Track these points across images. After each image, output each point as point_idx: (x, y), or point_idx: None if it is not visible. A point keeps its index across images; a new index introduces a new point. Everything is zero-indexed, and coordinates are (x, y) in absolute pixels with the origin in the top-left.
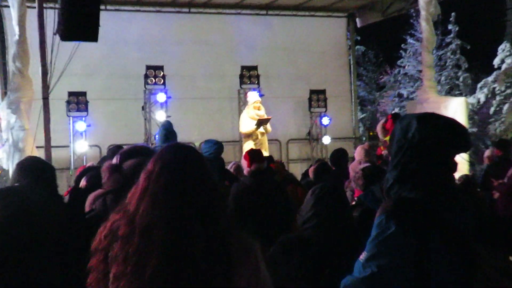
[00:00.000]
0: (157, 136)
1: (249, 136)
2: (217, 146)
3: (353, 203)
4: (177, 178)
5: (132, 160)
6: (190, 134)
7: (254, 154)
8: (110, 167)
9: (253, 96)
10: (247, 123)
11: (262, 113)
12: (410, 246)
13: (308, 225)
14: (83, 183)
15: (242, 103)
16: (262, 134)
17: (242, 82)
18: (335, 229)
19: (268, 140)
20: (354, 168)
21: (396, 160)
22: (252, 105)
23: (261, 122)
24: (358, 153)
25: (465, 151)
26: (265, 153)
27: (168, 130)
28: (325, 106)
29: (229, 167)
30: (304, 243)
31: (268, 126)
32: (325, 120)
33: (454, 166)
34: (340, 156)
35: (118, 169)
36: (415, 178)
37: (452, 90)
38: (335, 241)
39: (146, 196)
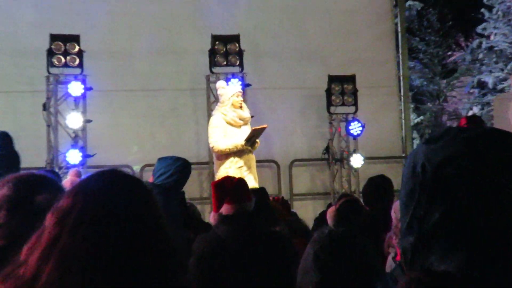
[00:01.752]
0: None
1: (226, 156)
2: (180, 164)
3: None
4: (106, 226)
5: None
6: (124, 152)
7: (232, 187)
8: None
9: (231, 86)
10: (221, 134)
11: (248, 115)
12: None
13: None
14: None
15: (214, 98)
16: (248, 151)
17: (213, 63)
18: None
19: (259, 161)
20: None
21: (408, 216)
22: (229, 101)
23: (254, 135)
24: None
25: None
26: (252, 184)
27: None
28: (355, 104)
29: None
30: None
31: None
32: (355, 128)
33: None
34: (380, 189)
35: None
36: (441, 239)
37: None
38: None
39: (53, 254)
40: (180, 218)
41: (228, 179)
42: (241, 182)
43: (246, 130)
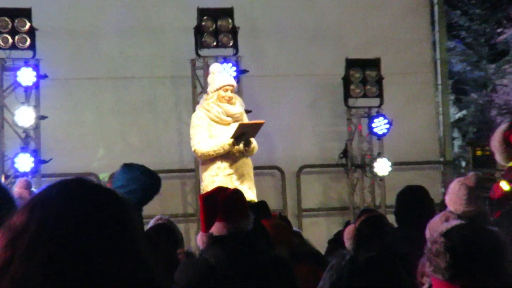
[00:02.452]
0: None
1: (211, 160)
2: (146, 181)
3: None
4: (69, 250)
5: None
6: (88, 157)
7: (225, 201)
8: None
9: (219, 76)
10: (204, 134)
11: (237, 111)
12: None
13: None
14: None
15: (201, 87)
16: (240, 154)
17: (200, 44)
18: None
19: (258, 168)
20: (437, 228)
21: None
22: (215, 94)
23: (243, 133)
24: (452, 195)
25: None
26: (249, 196)
27: None
28: (380, 95)
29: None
30: None
31: (254, 141)
32: (380, 126)
33: None
34: (413, 202)
35: None
36: None
37: None
38: None
39: (2, 284)
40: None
41: (220, 190)
42: (237, 194)
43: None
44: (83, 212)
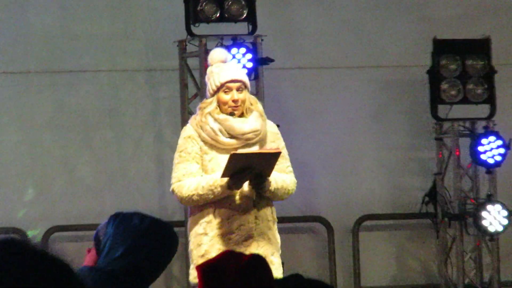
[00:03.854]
0: None
1: (201, 210)
2: (147, 229)
3: None
4: None
5: None
6: (8, 201)
7: (237, 275)
8: None
9: (218, 68)
10: (190, 165)
11: (250, 127)
12: None
13: None
14: None
15: (196, 87)
16: (249, 202)
17: (194, 16)
18: None
19: (287, 220)
20: None
21: None
22: (214, 100)
23: (246, 167)
24: None
25: None
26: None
27: None
28: (490, 100)
29: None
30: None
31: (276, 182)
32: (491, 150)
33: None
34: None
35: None
36: None
37: None
38: None
39: None
40: None
41: (228, 257)
42: (256, 263)
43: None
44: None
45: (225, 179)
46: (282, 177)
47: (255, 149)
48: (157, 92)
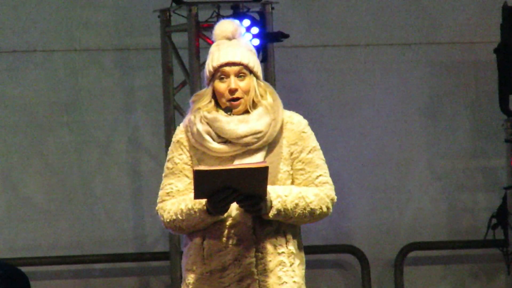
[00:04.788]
0: None
1: (191, 238)
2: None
3: None
4: None
5: None
6: None
7: None
8: None
9: (215, 48)
10: (178, 179)
11: (234, 129)
12: None
13: None
14: None
15: (185, 74)
16: (247, 227)
17: None
18: None
19: (310, 250)
20: None
21: None
22: (209, 90)
23: (226, 186)
24: None
25: None
26: None
27: None
28: None
29: None
30: None
31: (283, 199)
32: None
33: None
34: None
35: None
36: None
37: None
38: None
39: None
40: None
41: None
42: None
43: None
44: None
45: (204, 201)
46: (298, 191)
47: (258, 157)
48: (131, 80)
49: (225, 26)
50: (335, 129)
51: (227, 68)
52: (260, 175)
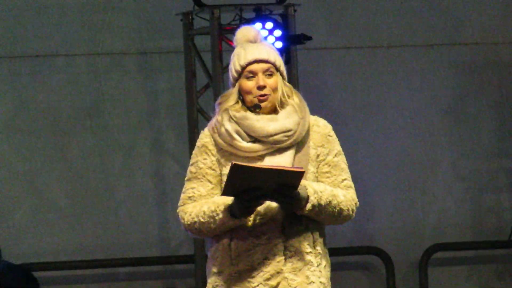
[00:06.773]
0: None
1: (217, 241)
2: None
3: None
4: None
5: None
6: None
7: None
8: None
9: (240, 49)
10: (201, 183)
11: (262, 127)
12: None
13: None
14: None
15: (208, 77)
16: (277, 234)
17: None
18: None
19: (335, 252)
20: None
21: None
22: (235, 91)
23: (255, 187)
24: None
25: None
26: None
27: None
28: None
29: None
30: None
31: (319, 195)
32: None
33: None
34: None
35: None
36: None
37: None
38: None
39: None
40: None
41: None
42: None
43: (282, 162)
44: None
45: (228, 203)
46: (331, 189)
47: (287, 155)
48: (154, 83)
49: (246, 31)
50: (358, 130)
51: (255, 66)
52: (294, 180)
